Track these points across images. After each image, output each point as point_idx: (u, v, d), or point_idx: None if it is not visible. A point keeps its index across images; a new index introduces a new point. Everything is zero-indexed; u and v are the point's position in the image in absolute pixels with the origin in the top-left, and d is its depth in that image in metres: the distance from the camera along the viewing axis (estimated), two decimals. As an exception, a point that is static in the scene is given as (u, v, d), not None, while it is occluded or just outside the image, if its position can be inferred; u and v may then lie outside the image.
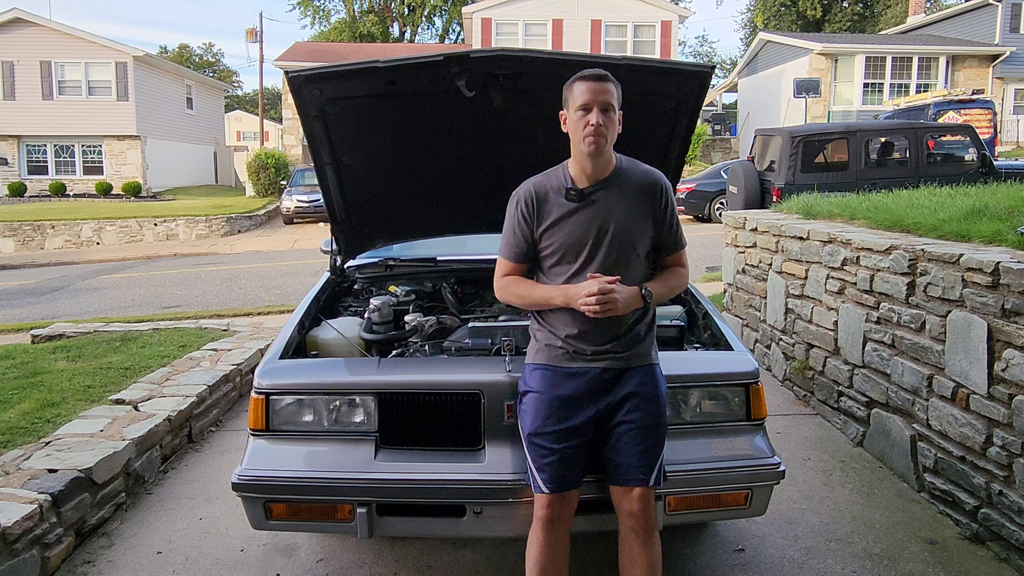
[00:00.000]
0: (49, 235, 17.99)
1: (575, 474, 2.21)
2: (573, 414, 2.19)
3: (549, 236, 2.23)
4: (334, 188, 3.34)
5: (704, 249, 10.47)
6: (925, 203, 4.44)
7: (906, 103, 15.91)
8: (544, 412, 2.20)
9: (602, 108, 2.12)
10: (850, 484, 3.57)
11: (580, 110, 2.14)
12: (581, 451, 2.21)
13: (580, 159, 2.21)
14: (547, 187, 2.26)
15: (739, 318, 5.80)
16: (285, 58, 24.64)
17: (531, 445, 2.22)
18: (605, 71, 2.19)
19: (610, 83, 2.16)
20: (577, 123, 2.15)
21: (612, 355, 2.22)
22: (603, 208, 2.21)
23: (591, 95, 2.13)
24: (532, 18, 24.90)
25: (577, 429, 2.19)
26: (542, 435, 2.19)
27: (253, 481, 2.42)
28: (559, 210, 2.22)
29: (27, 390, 4.35)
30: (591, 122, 2.11)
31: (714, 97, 33.13)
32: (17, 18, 23.43)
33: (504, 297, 2.32)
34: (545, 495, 2.18)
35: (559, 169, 2.28)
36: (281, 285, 10.62)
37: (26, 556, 2.70)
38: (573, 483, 2.21)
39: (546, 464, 2.18)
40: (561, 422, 2.18)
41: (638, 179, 2.26)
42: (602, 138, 2.13)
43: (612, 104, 2.15)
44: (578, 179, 2.23)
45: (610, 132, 2.15)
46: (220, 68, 55.54)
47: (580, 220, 2.21)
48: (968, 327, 3.03)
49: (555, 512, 2.19)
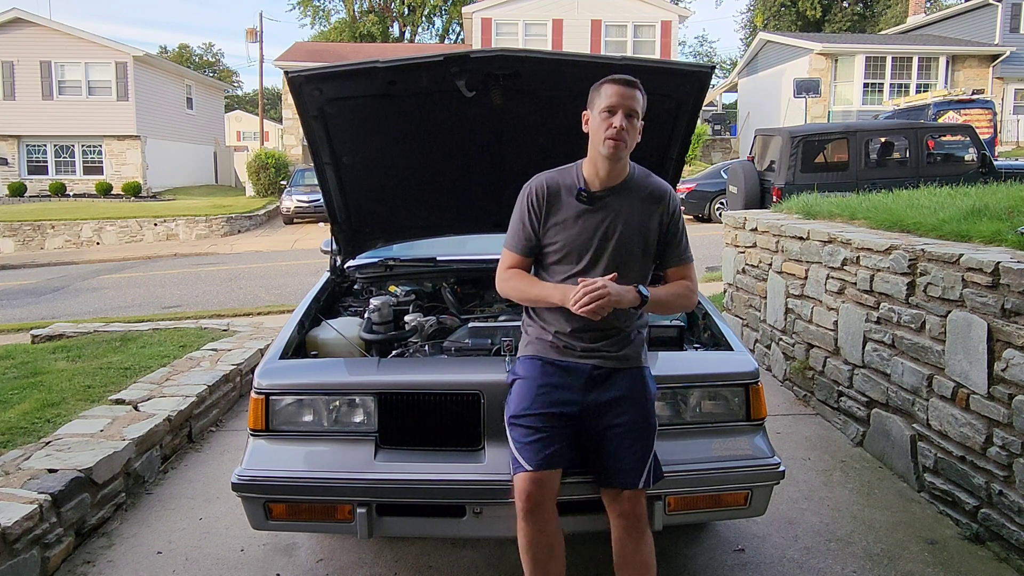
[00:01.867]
0: (49, 235, 17.98)
1: (557, 456, 2.17)
2: (558, 401, 2.19)
3: (555, 234, 2.24)
4: (334, 188, 3.34)
5: (704, 249, 10.46)
6: (925, 203, 4.44)
7: (906, 103, 15.91)
8: (530, 395, 2.21)
9: (627, 113, 2.14)
10: (850, 484, 3.57)
11: (605, 112, 2.15)
12: (563, 436, 2.19)
13: (596, 161, 2.22)
14: (560, 184, 2.26)
15: (739, 318, 5.80)
16: (285, 58, 24.65)
17: (513, 427, 2.22)
18: (636, 79, 2.19)
19: (638, 91, 2.18)
20: (600, 124, 2.16)
21: (603, 354, 2.23)
22: (612, 213, 2.22)
23: (619, 99, 2.14)
24: (532, 18, 24.89)
25: (560, 416, 2.19)
26: (526, 416, 2.19)
27: (253, 481, 2.42)
28: (568, 210, 2.23)
29: (27, 390, 4.35)
30: (614, 124, 2.12)
31: (714, 97, 33.13)
32: (17, 18, 23.42)
33: (503, 289, 2.33)
34: (527, 473, 2.15)
35: (573, 168, 2.29)
36: (281, 285, 10.62)
37: (26, 556, 2.70)
38: (554, 463, 2.17)
39: (527, 443, 2.17)
40: (545, 406, 2.19)
41: (649, 189, 2.28)
42: (622, 142, 2.14)
43: (637, 111, 2.16)
44: (591, 181, 2.24)
45: (630, 138, 2.17)
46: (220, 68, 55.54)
47: (588, 223, 2.22)
48: (968, 327, 3.03)
49: (536, 496, 2.15)
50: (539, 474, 2.15)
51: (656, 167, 2.52)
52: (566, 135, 2.33)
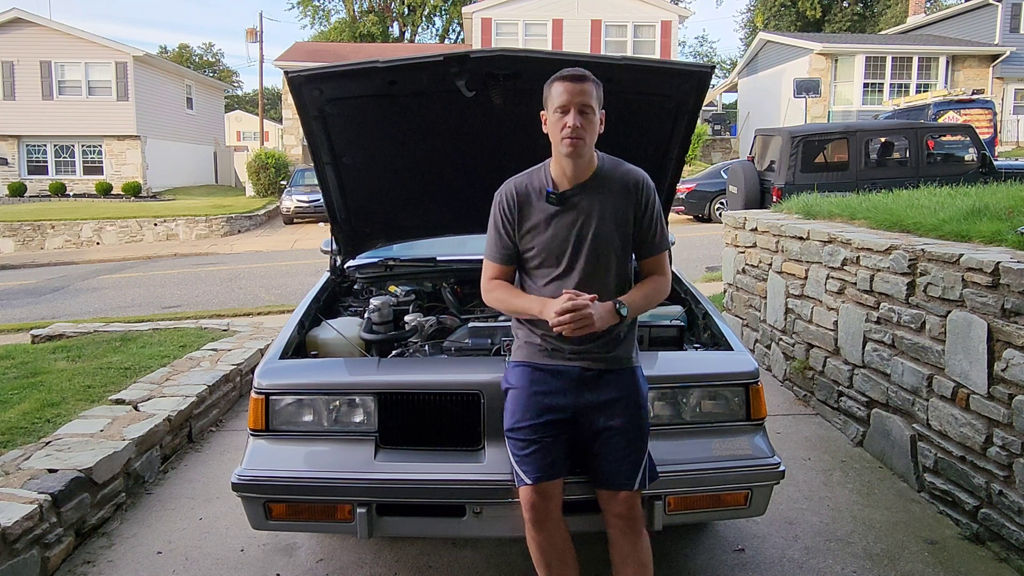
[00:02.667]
0: (49, 235, 17.98)
1: (556, 464, 2.18)
2: (550, 409, 2.19)
3: (530, 239, 2.22)
4: (334, 188, 3.34)
5: (704, 249, 10.47)
6: (925, 203, 4.44)
7: (906, 103, 15.91)
8: (522, 407, 2.20)
9: (580, 109, 2.08)
10: (850, 484, 3.57)
11: (558, 111, 2.10)
12: (560, 442, 2.19)
13: (560, 161, 2.18)
14: (529, 188, 2.23)
15: (739, 318, 5.80)
16: (285, 58, 24.64)
17: (511, 440, 2.22)
18: (585, 71, 2.14)
19: (589, 83, 2.12)
20: (555, 124, 2.12)
21: (593, 355, 2.21)
22: (584, 211, 2.18)
23: (568, 96, 2.09)
24: (532, 18, 24.89)
25: (554, 424, 2.18)
26: (520, 429, 2.19)
27: (253, 481, 2.42)
28: (539, 213, 2.20)
29: (27, 390, 4.35)
30: (568, 124, 2.08)
31: (714, 97, 33.12)
32: (17, 18, 23.43)
33: (488, 301, 2.32)
34: (529, 487, 2.16)
35: (541, 169, 2.25)
36: (281, 285, 10.62)
37: (26, 556, 2.70)
38: (555, 472, 2.17)
39: (526, 455, 2.17)
40: (538, 416, 2.18)
41: (620, 179, 2.22)
42: (580, 140, 2.09)
43: (591, 105, 2.10)
44: (559, 181, 2.20)
45: (589, 134, 2.11)
46: (220, 68, 55.55)
47: (561, 224, 2.19)
48: (968, 327, 3.03)
49: (541, 507, 2.17)
50: (540, 487, 2.16)
51: (656, 167, 2.52)
52: None
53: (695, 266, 9.58)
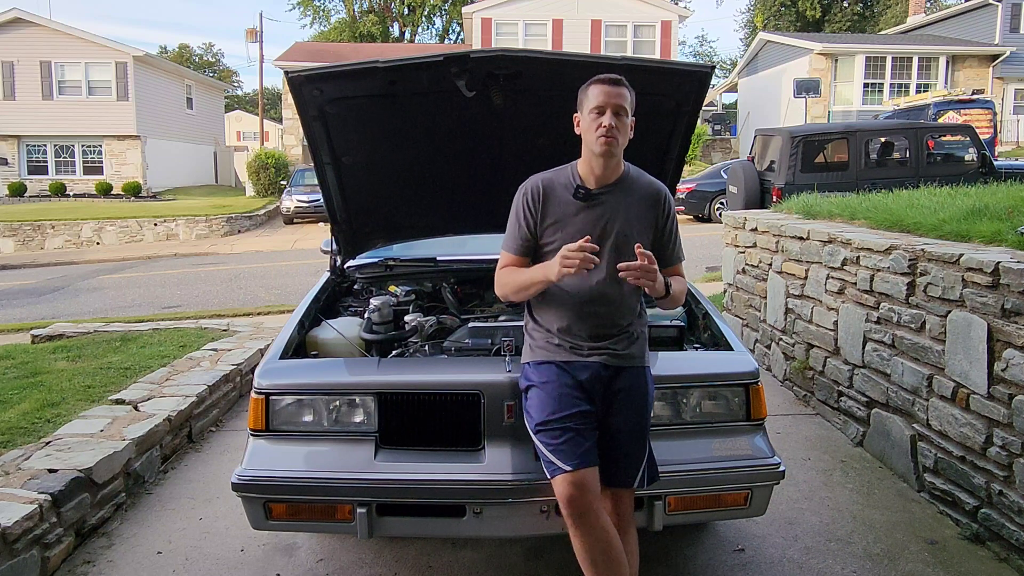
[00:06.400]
0: (49, 235, 17.98)
1: (591, 453, 2.17)
2: (578, 402, 2.20)
3: (552, 233, 2.26)
4: (334, 188, 3.34)
5: (704, 249, 10.47)
6: (925, 203, 4.44)
7: (906, 103, 15.90)
8: (554, 400, 2.20)
9: (615, 111, 2.17)
10: (850, 484, 3.57)
11: (594, 112, 2.18)
12: (591, 433, 2.20)
13: (590, 160, 2.24)
14: (555, 184, 2.28)
15: (739, 318, 5.80)
16: (285, 58, 24.63)
17: (543, 434, 2.19)
18: (621, 77, 2.22)
19: (625, 88, 2.21)
20: (590, 124, 2.20)
21: (609, 351, 2.25)
22: (608, 210, 2.24)
23: (605, 98, 2.17)
24: (532, 18, 24.89)
25: (585, 415, 2.20)
26: (553, 421, 2.18)
27: (253, 481, 2.42)
28: (565, 208, 2.25)
29: (27, 390, 4.35)
30: (603, 124, 2.15)
31: (714, 97, 33.12)
32: (17, 18, 23.43)
33: (500, 290, 2.35)
34: (566, 475, 2.11)
35: (568, 168, 2.31)
36: (281, 285, 10.62)
37: (26, 556, 2.70)
38: (590, 460, 2.16)
39: (560, 444, 2.14)
40: (570, 406, 2.18)
41: (643, 188, 2.31)
42: (613, 139, 2.17)
43: (625, 108, 2.19)
44: (587, 180, 2.26)
45: (622, 135, 2.19)
46: (220, 68, 55.52)
47: (585, 220, 2.24)
48: (968, 327, 3.03)
49: (579, 499, 2.11)
50: (578, 474, 2.12)
51: (656, 167, 2.53)
52: (566, 135, 2.33)
53: (695, 266, 9.57)
